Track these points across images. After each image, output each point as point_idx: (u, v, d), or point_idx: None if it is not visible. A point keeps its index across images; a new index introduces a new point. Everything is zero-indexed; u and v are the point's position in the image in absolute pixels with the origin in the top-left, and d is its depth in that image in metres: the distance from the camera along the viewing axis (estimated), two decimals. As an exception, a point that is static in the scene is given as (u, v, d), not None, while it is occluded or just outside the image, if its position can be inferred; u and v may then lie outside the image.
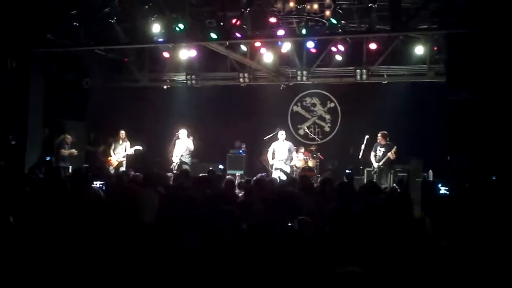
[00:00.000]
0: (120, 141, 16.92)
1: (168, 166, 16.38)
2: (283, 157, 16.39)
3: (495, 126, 11.82)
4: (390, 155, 15.00)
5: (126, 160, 16.96)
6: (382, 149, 15.24)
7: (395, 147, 15.04)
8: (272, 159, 16.43)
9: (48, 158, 15.29)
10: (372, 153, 15.42)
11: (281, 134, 16.62)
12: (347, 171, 14.97)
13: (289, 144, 16.65)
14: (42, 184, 9.79)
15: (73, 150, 16.20)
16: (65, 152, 15.99)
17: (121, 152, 16.89)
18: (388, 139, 15.28)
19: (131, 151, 16.91)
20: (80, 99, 17.29)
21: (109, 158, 16.85)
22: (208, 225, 5.64)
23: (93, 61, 17.17)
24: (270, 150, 16.53)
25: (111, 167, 16.42)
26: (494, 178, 10.25)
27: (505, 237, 5.29)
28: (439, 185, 10.37)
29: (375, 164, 15.31)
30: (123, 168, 16.41)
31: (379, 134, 15.34)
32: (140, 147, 17.04)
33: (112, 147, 16.95)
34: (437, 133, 14.38)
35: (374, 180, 14.58)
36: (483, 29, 11.63)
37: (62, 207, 6.72)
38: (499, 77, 11.92)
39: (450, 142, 13.03)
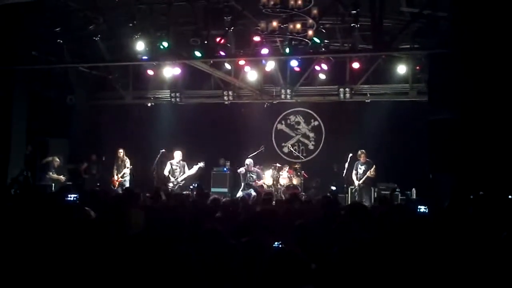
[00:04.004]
0: (120, 161, 16.88)
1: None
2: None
3: (476, 145, 11.91)
4: (369, 173, 15.09)
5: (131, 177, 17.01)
6: (363, 167, 15.34)
7: (373, 166, 15.12)
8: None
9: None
10: (354, 171, 15.50)
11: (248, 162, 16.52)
12: (332, 187, 15.00)
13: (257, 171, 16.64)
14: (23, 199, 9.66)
15: (62, 177, 16.24)
16: (54, 176, 16.04)
17: (121, 171, 16.84)
18: (367, 157, 15.39)
19: (128, 170, 16.86)
20: (63, 116, 17.17)
21: (113, 178, 16.82)
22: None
23: (77, 78, 17.16)
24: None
25: (115, 187, 16.37)
26: (472, 197, 10.29)
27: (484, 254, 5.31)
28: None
29: (356, 183, 15.39)
30: (127, 184, 16.41)
31: (359, 152, 15.44)
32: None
33: (114, 167, 16.92)
34: (420, 151, 14.46)
35: (356, 198, 14.67)
36: (464, 49, 11.76)
37: (45, 224, 6.64)
38: (480, 97, 12.02)
39: (432, 161, 13.11)
